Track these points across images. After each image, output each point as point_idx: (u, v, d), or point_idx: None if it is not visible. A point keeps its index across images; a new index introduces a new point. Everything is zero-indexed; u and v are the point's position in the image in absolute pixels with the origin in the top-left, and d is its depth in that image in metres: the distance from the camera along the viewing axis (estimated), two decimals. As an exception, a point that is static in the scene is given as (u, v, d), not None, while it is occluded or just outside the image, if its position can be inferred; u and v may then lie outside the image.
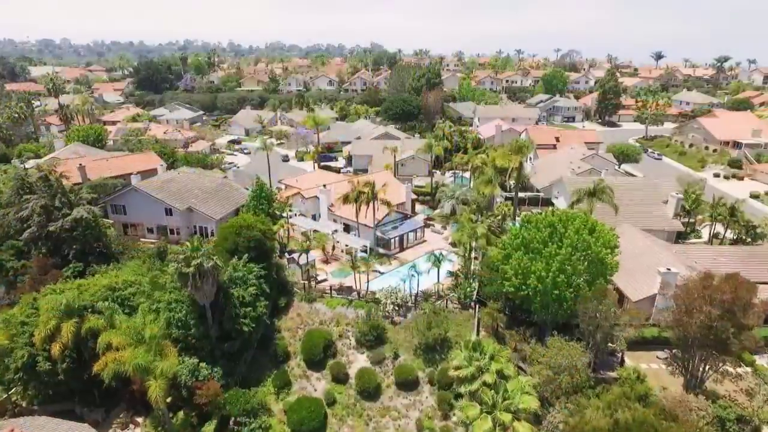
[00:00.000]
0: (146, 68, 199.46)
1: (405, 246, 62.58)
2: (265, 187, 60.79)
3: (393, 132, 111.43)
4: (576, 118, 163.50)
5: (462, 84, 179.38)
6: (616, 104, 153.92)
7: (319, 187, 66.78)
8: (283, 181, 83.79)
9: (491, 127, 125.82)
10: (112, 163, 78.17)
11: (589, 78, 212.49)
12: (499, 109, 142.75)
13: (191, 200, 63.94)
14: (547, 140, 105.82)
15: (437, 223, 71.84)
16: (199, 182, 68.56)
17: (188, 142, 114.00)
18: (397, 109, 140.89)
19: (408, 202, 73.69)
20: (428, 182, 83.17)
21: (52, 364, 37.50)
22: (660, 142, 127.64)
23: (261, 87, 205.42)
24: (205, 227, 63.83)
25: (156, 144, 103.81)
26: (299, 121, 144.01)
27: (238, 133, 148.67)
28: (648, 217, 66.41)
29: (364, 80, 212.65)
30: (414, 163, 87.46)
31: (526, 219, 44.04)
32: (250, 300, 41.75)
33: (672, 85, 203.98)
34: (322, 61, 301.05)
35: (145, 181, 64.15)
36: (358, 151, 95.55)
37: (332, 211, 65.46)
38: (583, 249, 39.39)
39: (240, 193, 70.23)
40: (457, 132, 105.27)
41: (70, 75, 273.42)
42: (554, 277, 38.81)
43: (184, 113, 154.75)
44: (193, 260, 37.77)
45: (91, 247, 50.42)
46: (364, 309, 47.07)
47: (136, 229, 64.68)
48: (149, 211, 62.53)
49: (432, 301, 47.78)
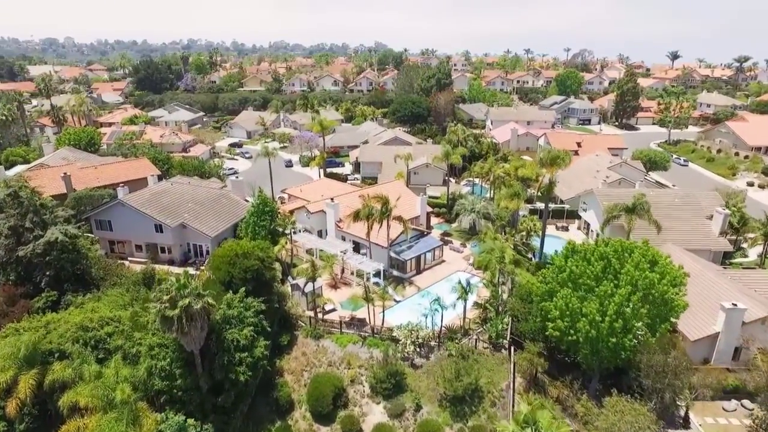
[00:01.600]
0: (146, 68, 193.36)
1: (422, 268, 56.09)
2: (268, 201, 54.41)
3: (403, 136, 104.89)
4: (592, 120, 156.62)
5: (472, 85, 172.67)
6: (635, 106, 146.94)
7: (326, 201, 60.34)
8: (287, 191, 77.42)
9: (506, 130, 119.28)
10: (101, 171, 71.87)
11: (603, 79, 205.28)
12: (512, 112, 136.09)
13: (184, 215, 57.60)
14: (568, 146, 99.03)
15: (455, 239, 65.36)
16: (194, 194, 62.21)
17: (186, 146, 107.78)
18: (406, 111, 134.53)
19: (423, 215, 67.17)
20: (443, 192, 76.60)
21: (7, 425, 31.23)
22: (685, 146, 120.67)
23: (264, 87, 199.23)
24: (199, 245, 57.52)
25: (151, 149, 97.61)
26: (303, 124, 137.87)
27: (239, 135, 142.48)
28: (691, 235, 59.81)
29: (370, 80, 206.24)
30: (428, 172, 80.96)
31: (572, 247, 37.51)
32: (246, 343, 35.34)
33: (690, 86, 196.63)
34: (326, 61, 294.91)
35: (133, 194, 57.82)
36: (367, 157, 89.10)
37: (340, 227, 59.04)
38: (645, 288, 32.85)
39: (239, 206, 63.87)
40: (471, 136, 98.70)
41: (69, 74, 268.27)
42: (611, 322, 32.28)
43: (184, 114, 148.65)
44: (179, 301, 31.39)
45: (67, 273, 44.13)
46: (380, 348, 40.65)
47: (124, 247, 58.40)
48: (137, 228, 56.22)
49: (458, 338, 41.32)
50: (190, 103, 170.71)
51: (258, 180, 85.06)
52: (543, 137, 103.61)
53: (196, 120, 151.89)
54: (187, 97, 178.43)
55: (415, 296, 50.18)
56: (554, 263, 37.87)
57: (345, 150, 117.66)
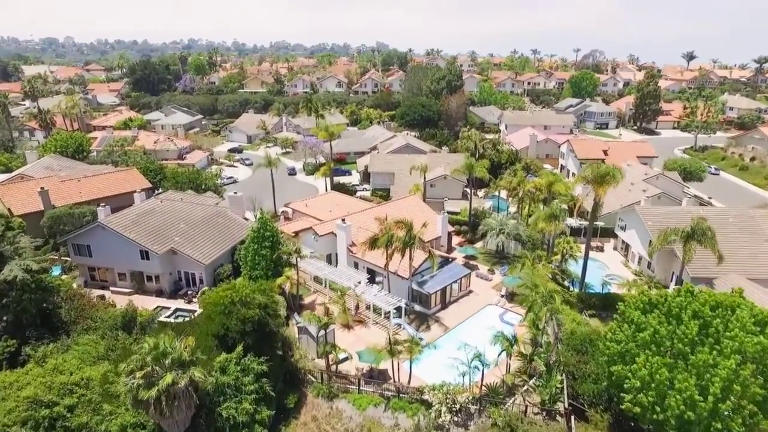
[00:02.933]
0: (142, 68, 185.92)
1: (448, 301, 48.77)
2: (270, 225, 47.10)
3: (415, 143, 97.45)
4: (609, 124, 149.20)
5: (482, 87, 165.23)
6: (656, 110, 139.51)
7: (337, 222, 52.95)
8: (291, 205, 70.16)
9: (523, 136, 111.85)
10: (85, 184, 64.66)
11: (618, 80, 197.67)
12: (528, 116, 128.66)
13: (175, 238, 50.32)
14: (594, 154, 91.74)
15: (480, 263, 58.00)
16: (186, 213, 54.89)
17: (182, 153, 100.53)
18: (415, 115, 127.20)
19: (444, 236, 59.88)
20: (464, 208, 69.22)
21: None
22: (713, 153, 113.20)
23: (265, 89, 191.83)
24: (192, 273, 50.23)
25: (144, 156, 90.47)
26: (307, 129, 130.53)
27: (239, 139, 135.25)
28: (753, 262, 52.40)
29: (375, 81, 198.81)
30: (446, 184, 73.58)
31: (648, 300, 30.14)
32: (245, 419, 28.03)
33: (708, 88, 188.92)
34: (329, 61, 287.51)
35: (115, 216, 50.50)
36: (378, 167, 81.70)
37: (353, 252, 51.70)
38: (756, 355, 25.52)
39: (238, 226, 56.60)
40: (489, 144, 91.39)
41: (65, 75, 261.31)
42: (715, 402, 24.94)
43: (181, 117, 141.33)
44: (158, 377, 24.07)
45: (30, 317, 36.84)
46: (408, 414, 33.34)
47: (106, 274, 51.11)
48: (120, 254, 48.93)
49: (502, 399, 33.98)
50: (188, 105, 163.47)
51: (258, 192, 78.10)
52: (566, 144, 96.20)
53: (194, 123, 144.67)
54: (185, 98, 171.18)
55: (444, 338, 42.93)
56: (626, 314, 30.48)
57: (352, 156, 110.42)
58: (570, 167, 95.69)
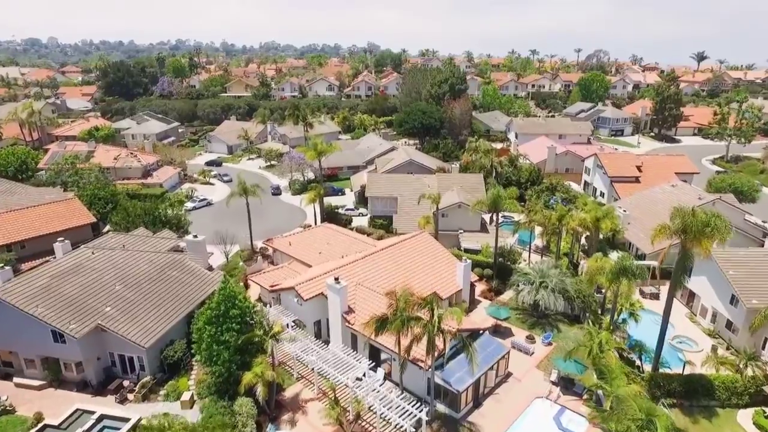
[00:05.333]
0: (115, 70, 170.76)
1: (481, 394, 35.48)
2: (239, 299, 33.50)
3: (419, 158, 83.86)
4: (624, 131, 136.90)
5: (485, 90, 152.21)
6: (677, 115, 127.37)
7: (328, 280, 39.28)
8: (271, 243, 56.59)
9: (538, 147, 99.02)
10: (6, 221, 50.59)
11: (627, 82, 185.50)
12: (541, 123, 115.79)
13: (105, 309, 36.59)
14: (626, 170, 79.06)
15: (513, 323, 44.78)
16: (126, 267, 41.12)
17: (149, 170, 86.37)
18: (415, 122, 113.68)
19: (466, 288, 46.62)
20: (485, 245, 55.94)
21: None
22: (749, 165, 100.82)
23: (250, 92, 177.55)
24: (129, 357, 36.54)
25: (99, 176, 76.36)
26: (294, 138, 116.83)
27: (219, 150, 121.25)
28: None
29: (369, 84, 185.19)
30: (460, 213, 60.31)
31: None
32: None
33: (722, 90, 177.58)
34: (319, 62, 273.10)
35: (21, 279, 36.58)
36: (377, 190, 68.21)
37: (349, 322, 38.25)
38: None
39: (198, 281, 43.06)
40: (506, 159, 78.52)
41: (37, 77, 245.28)
42: None
43: (154, 126, 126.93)
44: None
45: None
46: None
47: (10, 357, 37.25)
48: (24, 335, 35.17)
49: None
50: (165, 111, 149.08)
51: (236, 218, 64.41)
52: (592, 158, 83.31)
53: (170, 132, 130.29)
54: (162, 103, 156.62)
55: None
56: None
57: (345, 172, 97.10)
58: (597, 185, 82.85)
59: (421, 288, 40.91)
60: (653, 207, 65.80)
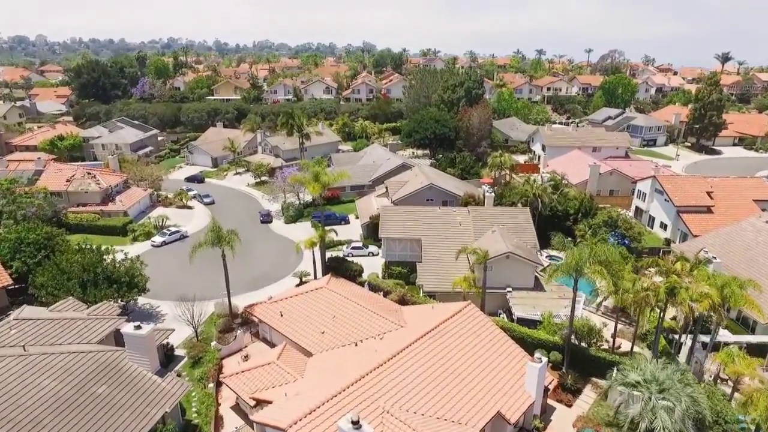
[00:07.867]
0: (89, 71, 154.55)
1: None
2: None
3: (441, 182, 68.24)
4: (657, 140, 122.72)
5: (501, 94, 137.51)
6: (718, 124, 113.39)
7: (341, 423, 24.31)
8: (256, 312, 41.54)
9: (574, 163, 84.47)
10: None
11: (650, 85, 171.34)
12: (572, 134, 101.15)
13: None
14: (695, 198, 64.61)
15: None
16: (22, 387, 26.03)
17: (111, 194, 71.02)
18: (427, 132, 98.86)
19: (539, 399, 31.86)
20: (547, 313, 41.21)
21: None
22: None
23: (239, 95, 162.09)
24: None
25: (43, 204, 61.09)
26: (288, 150, 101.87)
27: (202, 163, 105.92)
28: None
29: (370, 87, 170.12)
30: (508, 265, 45.38)
31: None
32: None
33: (753, 94, 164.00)
34: (314, 62, 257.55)
35: None
36: (393, 229, 53.07)
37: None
38: None
39: (142, 399, 28.06)
40: (549, 185, 63.81)
41: (10, 77, 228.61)
42: None
43: (128, 134, 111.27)
44: None
45: None
46: None
47: None
48: None
49: None
50: (145, 115, 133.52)
51: (209, 266, 49.67)
52: (649, 181, 68.67)
53: (147, 141, 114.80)
54: (142, 107, 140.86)
55: None
56: None
57: (347, 192, 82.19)
58: (656, 215, 68.33)
59: (476, 407, 26.72)
60: (747, 253, 51.33)
